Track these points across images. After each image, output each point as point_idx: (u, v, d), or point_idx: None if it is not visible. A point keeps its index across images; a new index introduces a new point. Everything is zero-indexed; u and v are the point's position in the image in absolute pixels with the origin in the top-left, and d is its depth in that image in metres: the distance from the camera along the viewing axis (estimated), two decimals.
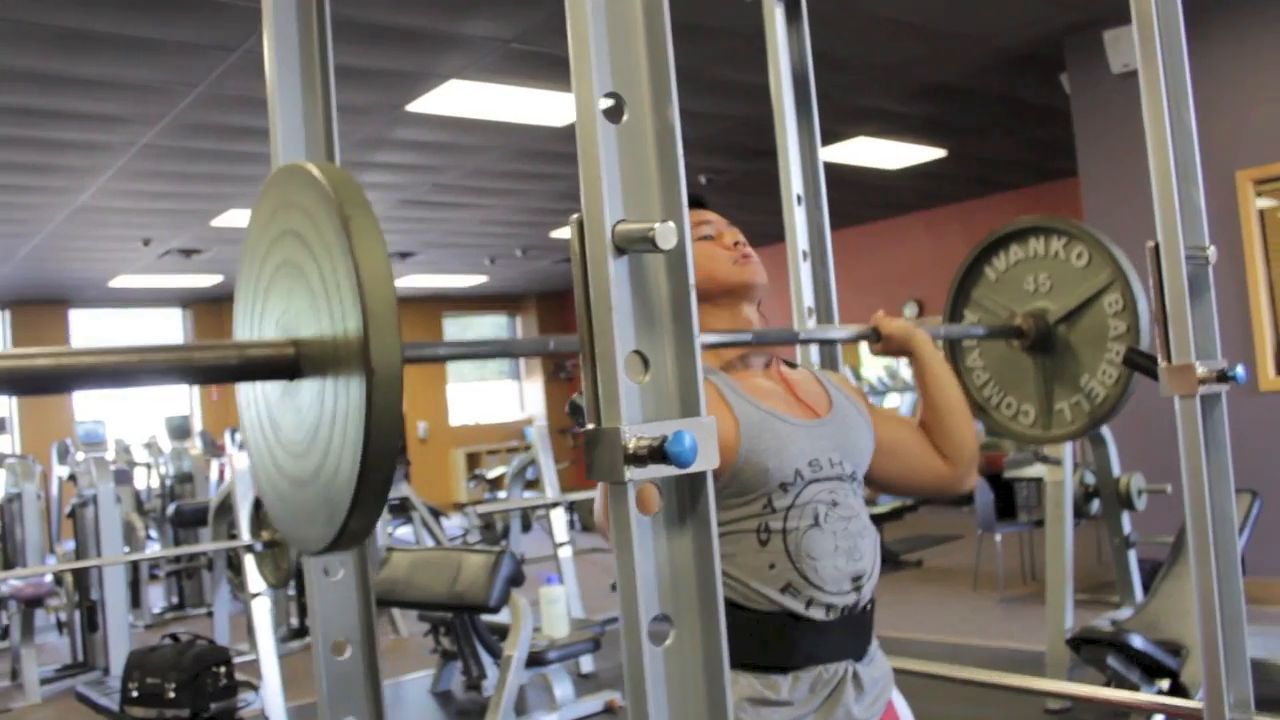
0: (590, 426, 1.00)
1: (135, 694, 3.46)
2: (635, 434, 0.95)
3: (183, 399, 13.23)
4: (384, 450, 0.98)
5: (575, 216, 1.00)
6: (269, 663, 4.32)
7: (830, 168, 8.72)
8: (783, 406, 1.65)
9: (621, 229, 0.98)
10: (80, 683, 4.95)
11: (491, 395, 16.24)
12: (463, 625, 3.52)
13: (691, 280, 1.02)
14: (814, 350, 2.32)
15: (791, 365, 1.80)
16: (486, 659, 3.55)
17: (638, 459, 0.94)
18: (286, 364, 1.10)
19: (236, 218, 8.49)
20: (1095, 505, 4.65)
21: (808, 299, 2.34)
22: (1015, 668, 4.91)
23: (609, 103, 1.02)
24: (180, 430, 12.08)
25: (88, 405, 12.23)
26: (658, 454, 0.94)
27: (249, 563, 4.43)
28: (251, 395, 1.23)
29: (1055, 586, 4.25)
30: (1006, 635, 5.46)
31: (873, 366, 12.99)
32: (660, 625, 1.00)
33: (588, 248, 0.99)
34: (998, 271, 2.30)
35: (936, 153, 8.36)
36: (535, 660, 3.58)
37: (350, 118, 6.27)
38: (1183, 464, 1.75)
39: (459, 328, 15.63)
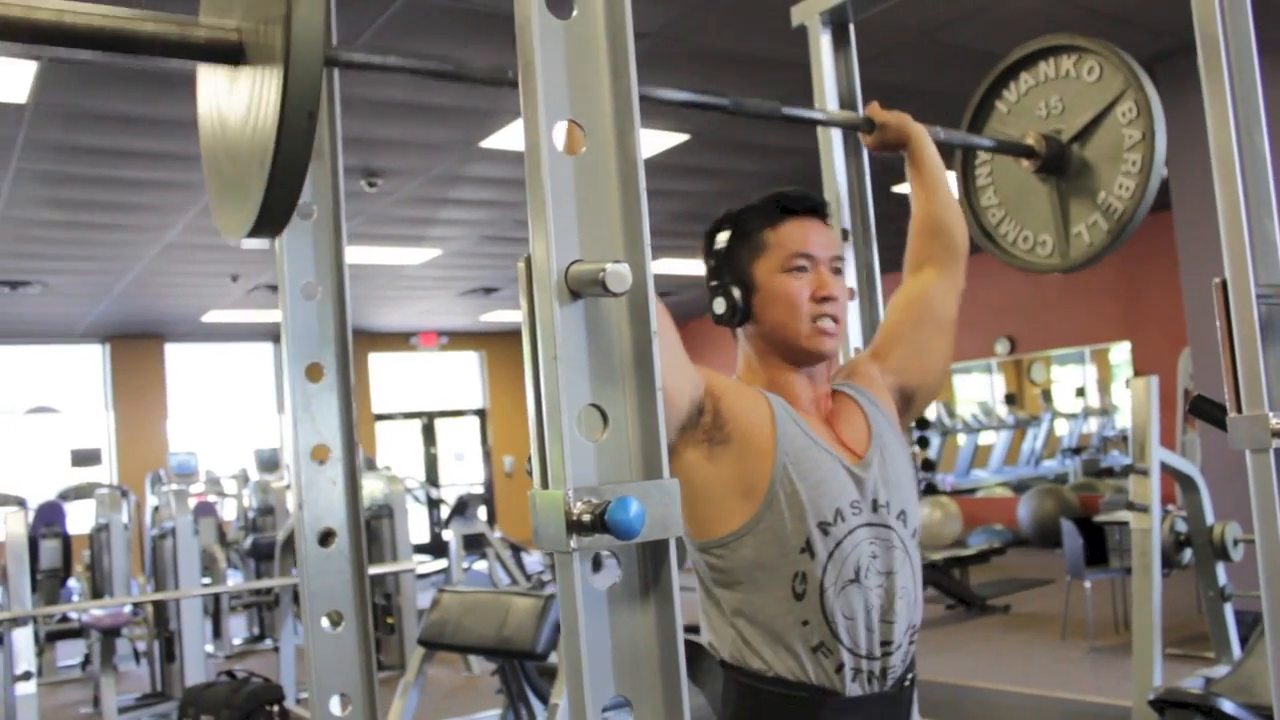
0: (537, 488, 0.91)
1: None
2: (581, 498, 0.86)
3: (273, 432, 13.48)
4: (299, 128, 1.02)
5: (524, 257, 0.92)
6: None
7: (905, 199, 8.44)
8: (828, 442, 1.53)
9: (576, 270, 0.89)
10: (149, 714, 4.99)
11: None
12: (511, 670, 3.45)
13: (654, 326, 0.92)
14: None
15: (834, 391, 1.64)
16: (538, 704, 3.47)
17: (582, 526, 0.85)
18: (229, 47, 1.11)
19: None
20: (1187, 555, 4.38)
21: (855, 340, 2.21)
22: None
23: (565, 132, 0.93)
24: (269, 462, 12.29)
25: (181, 437, 12.53)
26: (601, 521, 0.84)
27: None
28: (208, 94, 1.30)
29: (1142, 641, 4.00)
30: (1094, 689, 5.19)
31: (965, 404, 12.64)
32: (618, 714, 0.90)
33: (535, 291, 0.90)
34: (1009, 104, 2.20)
35: None
36: None
37: (426, 154, 6.32)
38: (1255, 524, 1.59)
39: None
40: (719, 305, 1.59)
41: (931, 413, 12.22)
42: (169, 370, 12.61)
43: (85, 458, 10.02)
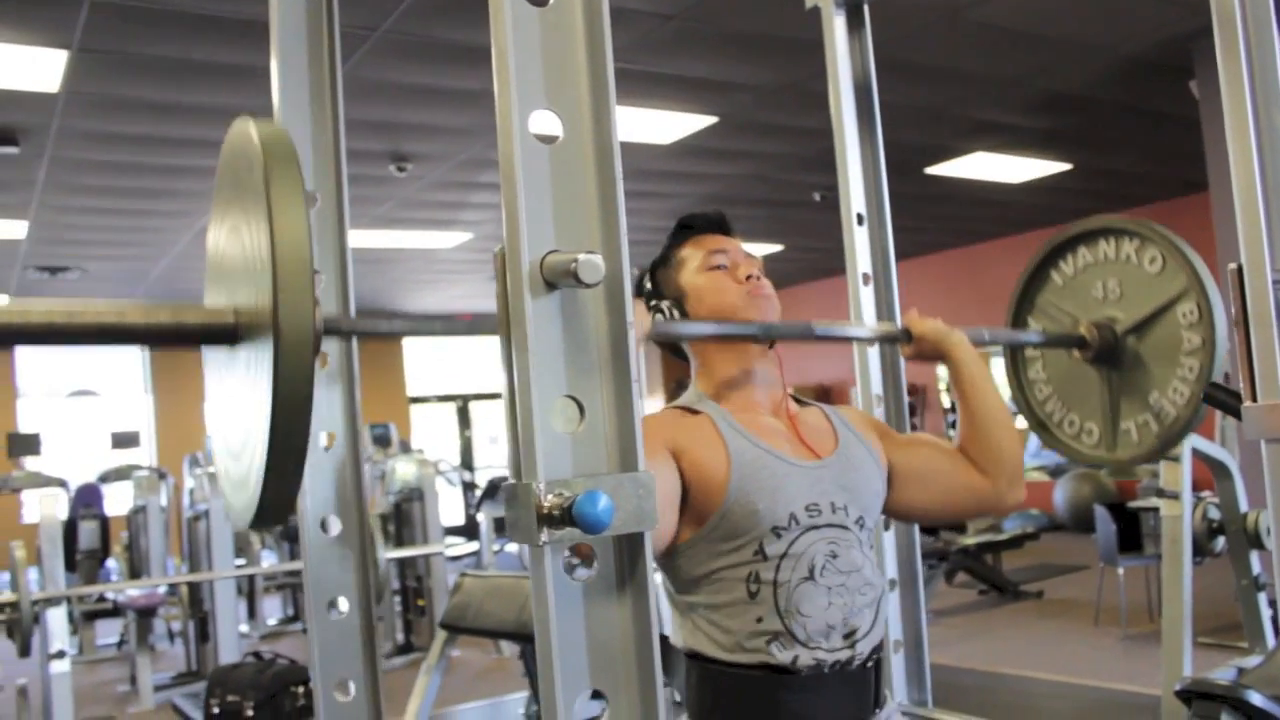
0: (509, 480, 0.90)
1: (216, 710, 3.50)
2: (553, 491, 0.85)
3: None
4: (292, 418, 0.96)
5: (499, 247, 0.91)
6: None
7: (946, 183, 8.40)
8: (783, 446, 1.53)
9: (552, 260, 0.88)
10: (179, 693, 5.07)
11: None
12: (531, 654, 3.45)
13: (630, 317, 0.91)
14: (874, 367, 2.18)
15: (801, 402, 1.66)
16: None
17: (553, 519, 0.84)
18: (225, 331, 1.07)
19: (357, 237, 8.67)
20: (1220, 543, 4.31)
21: (869, 317, 2.19)
22: (1131, 714, 4.59)
23: (542, 121, 0.92)
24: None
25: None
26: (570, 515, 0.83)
27: None
28: (214, 373, 1.23)
29: (1172, 630, 3.94)
30: (1125, 677, 5.13)
31: (1004, 388, 12.48)
32: (592, 704, 0.90)
33: (508, 281, 0.89)
34: (1065, 277, 2.14)
35: (1060, 166, 7.99)
36: None
37: (456, 138, 6.33)
38: (1270, 515, 1.56)
39: None
40: None
41: None
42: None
43: (125, 440, 10.14)
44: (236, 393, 1.08)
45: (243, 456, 1.06)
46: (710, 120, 6.31)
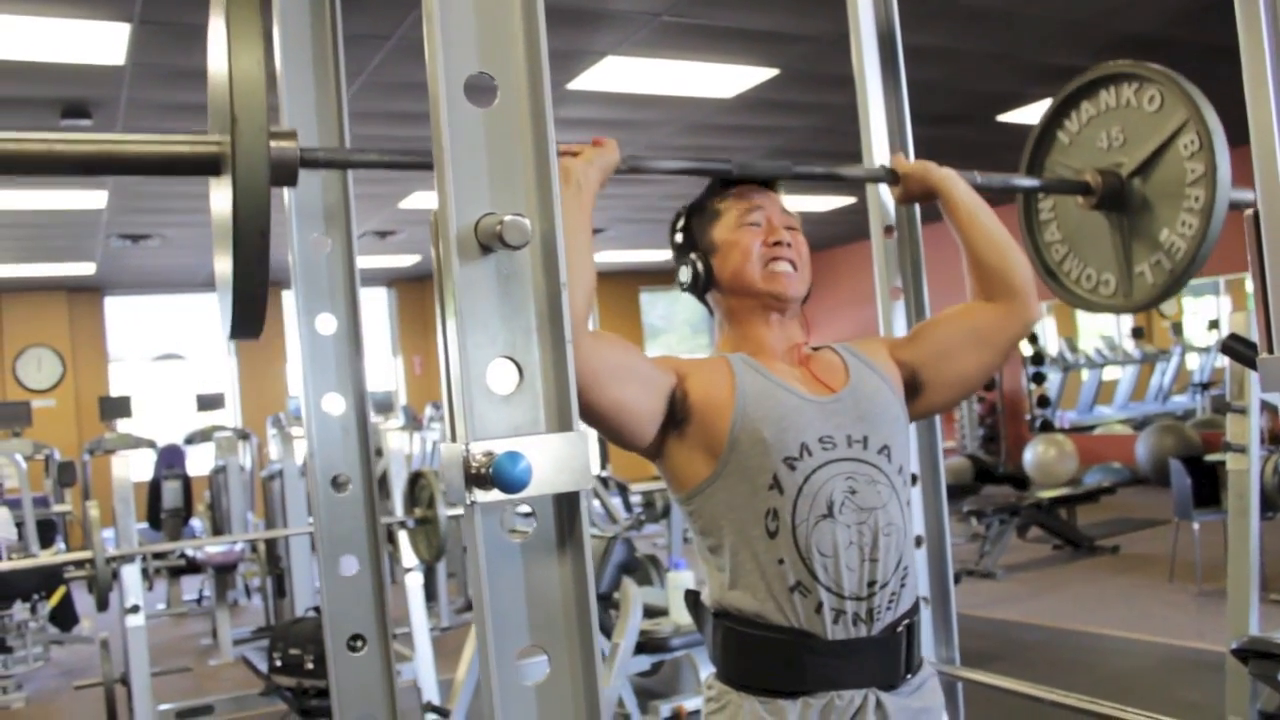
0: (446, 442, 0.92)
1: (279, 663, 3.63)
2: (482, 452, 0.86)
3: (389, 374, 13.86)
4: (249, 241, 1.05)
5: (433, 212, 0.92)
6: (421, 636, 4.45)
7: (1019, 130, 8.20)
8: (795, 383, 1.54)
9: (485, 223, 0.89)
10: (251, 647, 5.25)
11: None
12: None
13: (563, 278, 0.92)
14: (899, 328, 2.14)
15: (815, 349, 1.65)
16: (607, 645, 3.52)
17: (482, 479, 0.85)
18: (208, 160, 1.14)
19: (422, 199, 8.77)
20: None
21: (894, 278, 2.16)
22: (1198, 671, 4.51)
23: (475, 83, 0.92)
24: (384, 404, 12.65)
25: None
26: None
27: (403, 539, 4.56)
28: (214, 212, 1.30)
29: (1238, 587, 3.84)
30: (1195, 634, 5.02)
31: (1089, 337, 12.21)
32: (532, 655, 0.92)
33: (439, 245, 0.90)
34: (1071, 134, 2.10)
35: None
36: (659, 647, 3.53)
37: None
38: None
39: (658, 302, 15.65)
40: (684, 274, 1.65)
41: (1052, 348, 11.88)
42: (286, 316, 13.02)
43: (210, 402, 10.44)
44: (224, 225, 1.15)
45: (225, 281, 1.16)
46: (771, 72, 6.23)
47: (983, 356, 1.67)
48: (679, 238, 1.68)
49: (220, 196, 1.14)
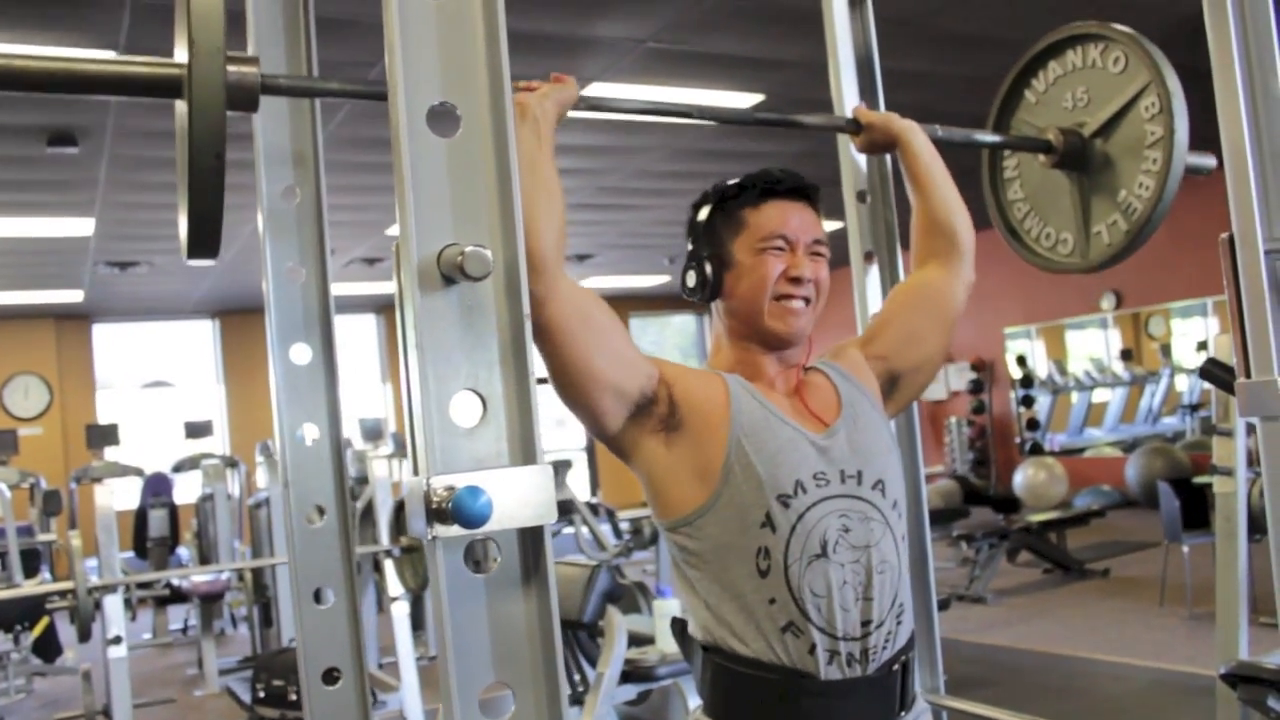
0: (408, 476, 0.90)
1: (262, 694, 3.59)
2: (442, 486, 0.85)
3: (377, 401, 13.82)
4: (204, 163, 1.10)
5: (396, 242, 0.91)
6: (408, 665, 4.42)
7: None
8: (792, 416, 1.50)
9: (448, 254, 0.88)
10: (236, 678, 5.21)
11: None
12: (564, 638, 3.47)
13: (526, 310, 0.91)
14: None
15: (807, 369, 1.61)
16: (591, 673, 3.50)
17: (443, 514, 0.84)
18: (167, 82, 1.17)
19: None
20: None
21: (875, 304, 2.15)
22: (1189, 696, 4.49)
23: (438, 111, 0.92)
24: (373, 432, 12.60)
25: None
26: None
27: (389, 567, 4.53)
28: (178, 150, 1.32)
29: (1227, 611, 3.83)
30: (1186, 658, 5.00)
31: (1078, 359, 12.22)
32: (497, 691, 0.90)
33: (402, 276, 0.89)
34: (1037, 93, 2.12)
35: None
36: (645, 676, 3.50)
37: None
38: (1267, 496, 1.50)
39: (649, 327, 15.64)
40: (690, 278, 1.59)
41: (1042, 370, 11.89)
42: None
43: (198, 430, 10.39)
44: (183, 148, 1.16)
45: (183, 203, 1.18)
46: (756, 98, 6.26)
47: (939, 331, 1.70)
48: (696, 232, 1.60)
49: (181, 119, 1.16)
